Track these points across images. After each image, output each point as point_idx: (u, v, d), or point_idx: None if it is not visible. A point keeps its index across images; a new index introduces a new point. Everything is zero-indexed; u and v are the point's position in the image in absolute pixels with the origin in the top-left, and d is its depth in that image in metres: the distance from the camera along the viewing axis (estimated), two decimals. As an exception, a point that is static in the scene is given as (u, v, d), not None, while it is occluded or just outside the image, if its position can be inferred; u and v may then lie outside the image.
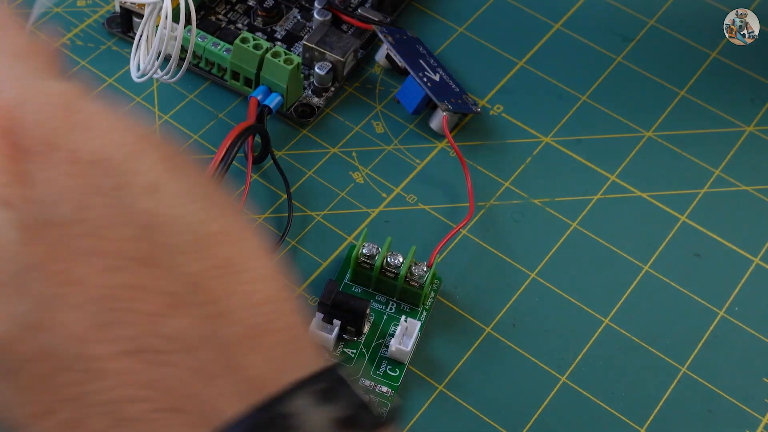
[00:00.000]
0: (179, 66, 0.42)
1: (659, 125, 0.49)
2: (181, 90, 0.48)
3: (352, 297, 0.39)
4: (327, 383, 0.22)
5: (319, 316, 0.39)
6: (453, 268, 0.43)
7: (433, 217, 0.45)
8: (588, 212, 0.45)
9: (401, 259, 0.40)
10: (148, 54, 0.40)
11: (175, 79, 0.42)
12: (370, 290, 0.41)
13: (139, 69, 0.41)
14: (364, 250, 0.40)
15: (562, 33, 0.52)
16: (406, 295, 0.41)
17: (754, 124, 0.48)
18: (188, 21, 0.41)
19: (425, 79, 0.47)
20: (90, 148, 0.23)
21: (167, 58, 0.40)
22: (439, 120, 0.47)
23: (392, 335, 0.40)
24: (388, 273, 0.40)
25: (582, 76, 0.51)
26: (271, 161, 0.46)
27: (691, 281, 0.43)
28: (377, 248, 0.40)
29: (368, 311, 0.39)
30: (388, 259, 0.40)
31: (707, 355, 0.41)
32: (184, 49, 0.44)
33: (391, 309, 0.41)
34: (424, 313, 0.41)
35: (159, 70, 0.41)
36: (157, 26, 0.42)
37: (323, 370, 0.22)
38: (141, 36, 0.41)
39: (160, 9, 0.41)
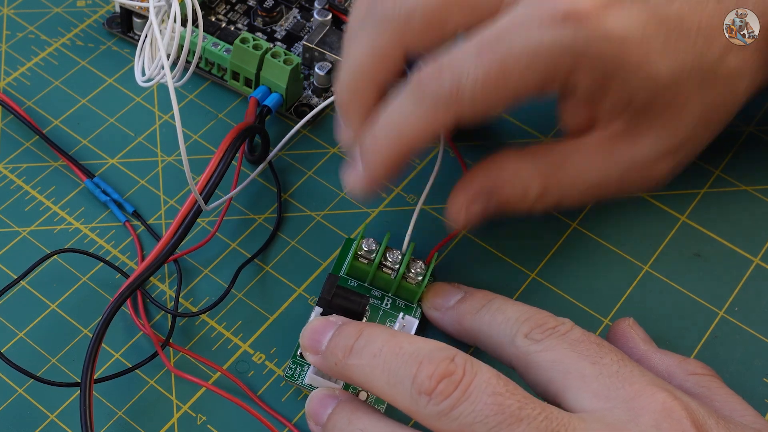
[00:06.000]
0: (186, 69, 0.42)
1: (659, 126, 0.48)
2: (181, 90, 0.48)
3: (353, 293, 0.39)
4: None
5: (318, 310, 0.39)
6: (453, 268, 0.43)
7: (433, 217, 0.45)
8: (588, 212, 0.45)
9: (399, 256, 0.40)
10: (153, 58, 0.40)
11: (181, 82, 0.42)
12: (366, 284, 0.41)
13: (144, 73, 0.40)
14: (363, 245, 0.40)
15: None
16: (402, 292, 0.41)
17: (754, 124, 0.48)
18: (194, 23, 0.41)
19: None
20: None
21: (174, 62, 0.40)
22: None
23: (390, 333, 0.40)
24: (385, 269, 0.40)
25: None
26: (268, 163, 0.46)
27: (691, 281, 0.43)
28: (376, 243, 0.40)
29: (366, 307, 0.39)
30: (387, 254, 0.40)
31: (707, 355, 0.41)
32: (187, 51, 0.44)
33: (386, 305, 0.41)
34: (420, 310, 0.41)
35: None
36: (161, 29, 0.41)
37: None
38: (145, 39, 0.40)
39: (165, 12, 0.40)
